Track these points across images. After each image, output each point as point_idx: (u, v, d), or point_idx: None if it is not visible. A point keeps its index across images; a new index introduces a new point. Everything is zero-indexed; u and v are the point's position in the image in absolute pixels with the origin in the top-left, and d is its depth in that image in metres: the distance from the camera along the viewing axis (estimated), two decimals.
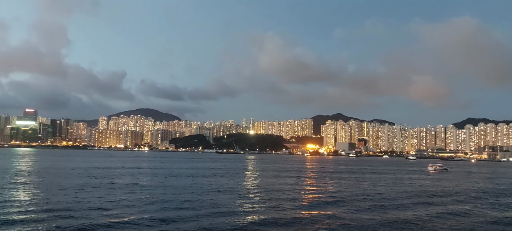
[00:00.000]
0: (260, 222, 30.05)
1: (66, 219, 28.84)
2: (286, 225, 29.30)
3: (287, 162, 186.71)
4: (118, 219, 29.43)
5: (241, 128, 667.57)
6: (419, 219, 32.91)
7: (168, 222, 29.08)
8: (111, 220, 28.93)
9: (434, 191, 58.05)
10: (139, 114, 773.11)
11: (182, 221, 29.76)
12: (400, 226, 30.11)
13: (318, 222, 30.79)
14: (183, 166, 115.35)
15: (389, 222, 31.22)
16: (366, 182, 72.18)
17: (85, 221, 28.30)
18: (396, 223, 30.98)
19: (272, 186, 59.21)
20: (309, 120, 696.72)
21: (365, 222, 30.98)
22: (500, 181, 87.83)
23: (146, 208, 35.18)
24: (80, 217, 29.69)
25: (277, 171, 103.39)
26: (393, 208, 39.69)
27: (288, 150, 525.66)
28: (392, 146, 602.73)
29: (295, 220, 31.16)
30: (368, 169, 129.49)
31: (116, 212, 32.59)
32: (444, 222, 32.23)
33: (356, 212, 36.10)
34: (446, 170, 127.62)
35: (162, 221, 29.44)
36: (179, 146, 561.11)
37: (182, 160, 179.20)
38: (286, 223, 29.78)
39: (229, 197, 44.00)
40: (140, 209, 34.26)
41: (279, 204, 39.73)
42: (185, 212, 33.70)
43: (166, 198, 41.87)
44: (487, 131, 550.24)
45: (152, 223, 28.56)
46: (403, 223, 31.25)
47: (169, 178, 68.59)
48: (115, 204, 36.43)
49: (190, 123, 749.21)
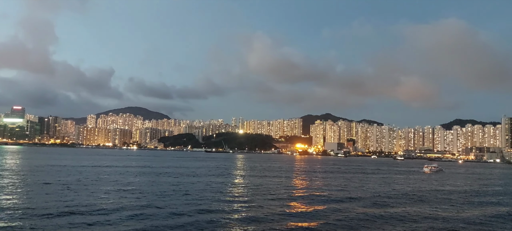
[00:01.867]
0: (246, 223, 29.74)
1: (46, 219, 28.20)
2: (272, 225, 29.04)
3: (276, 161, 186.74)
4: (102, 219, 28.86)
5: (230, 127, 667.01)
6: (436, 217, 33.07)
7: (154, 223, 28.59)
8: (94, 220, 28.35)
9: (440, 190, 58.46)
10: (128, 113, 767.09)
11: (168, 221, 29.31)
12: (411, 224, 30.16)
13: (305, 221, 30.62)
14: (171, 165, 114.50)
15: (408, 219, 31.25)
16: (370, 183, 72.38)
17: (68, 220, 27.70)
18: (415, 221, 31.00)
19: (260, 185, 58.97)
20: (299, 119, 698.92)
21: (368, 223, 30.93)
22: (495, 182, 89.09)
23: (132, 207, 34.59)
24: (63, 217, 29.07)
25: (266, 170, 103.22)
26: (397, 206, 39.81)
27: (277, 149, 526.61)
28: (380, 146, 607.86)
29: (281, 220, 30.92)
30: (360, 169, 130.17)
31: (100, 212, 31.94)
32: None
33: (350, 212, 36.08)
34: (441, 171, 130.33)
35: (148, 221, 28.95)
36: (168, 144, 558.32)
37: (171, 159, 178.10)
38: (272, 224, 29.52)
39: (217, 197, 43.62)
40: (125, 209, 33.66)
41: (266, 204, 39.48)
42: (171, 213, 33.21)
43: (154, 197, 41.32)
44: (474, 132, 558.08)
45: (138, 223, 28.07)
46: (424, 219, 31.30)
47: (157, 177, 67.90)
48: (100, 204, 35.76)
49: (179, 121, 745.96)
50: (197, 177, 71.28)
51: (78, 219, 28.69)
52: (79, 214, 30.49)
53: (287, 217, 32.28)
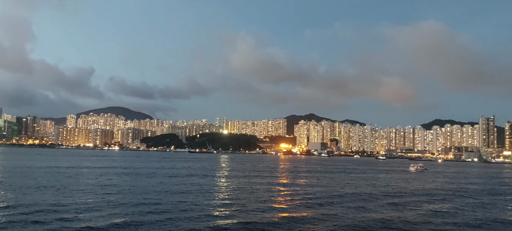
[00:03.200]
0: (231, 223, 29.23)
1: (23, 222, 27.13)
2: (257, 226, 28.64)
3: (260, 161, 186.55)
4: (82, 222, 27.93)
5: (214, 127, 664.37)
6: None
7: (136, 225, 27.80)
8: (74, 224, 27.40)
9: (431, 189, 59.02)
10: (109, 113, 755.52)
11: (150, 223, 28.55)
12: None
13: (290, 222, 30.30)
14: (154, 166, 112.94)
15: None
16: (362, 182, 72.61)
17: (44, 225, 26.69)
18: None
19: (244, 186, 58.53)
20: (283, 119, 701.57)
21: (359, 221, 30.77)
22: (473, 180, 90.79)
23: (113, 209, 33.66)
24: (41, 220, 28.02)
25: (250, 171, 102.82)
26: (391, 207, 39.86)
27: (262, 149, 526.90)
28: (363, 146, 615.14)
29: (266, 220, 30.54)
30: (345, 168, 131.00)
31: (81, 214, 30.95)
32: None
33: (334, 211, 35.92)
34: (426, 170, 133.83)
35: (130, 223, 28.14)
36: (150, 145, 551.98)
37: (153, 159, 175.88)
38: (257, 224, 29.11)
39: (200, 198, 42.97)
40: (106, 211, 32.72)
41: (250, 204, 39.06)
42: (154, 214, 32.42)
43: (135, 199, 40.39)
44: (453, 132, 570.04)
45: (119, 225, 27.24)
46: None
47: (139, 178, 66.67)
48: (81, 206, 34.72)
49: (162, 121, 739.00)
50: (180, 178, 70.33)
51: (55, 222, 27.69)
52: (57, 217, 29.47)
53: (271, 218, 31.89)
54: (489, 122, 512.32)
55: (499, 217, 36.73)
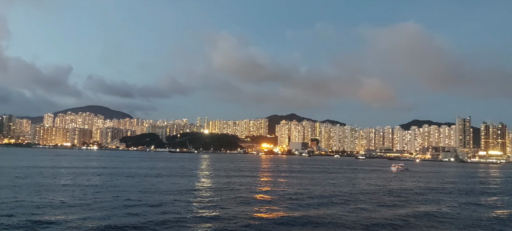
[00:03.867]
0: (209, 224, 28.92)
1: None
2: (235, 226, 28.42)
3: (241, 161, 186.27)
4: (57, 224, 27.13)
5: (195, 127, 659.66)
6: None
7: (115, 226, 27.17)
8: (49, 226, 26.59)
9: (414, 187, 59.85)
10: (87, 112, 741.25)
11: (130, 224, 27.96)
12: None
13: (271, 222, 30.21)
14: (133, 166, 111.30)
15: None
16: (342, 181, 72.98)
17: (18, 228, 25.81)
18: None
19: (225, 186, 58.20)
20: (264, 119, 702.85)
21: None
22: (451, 179, 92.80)
23: (90, 210, 32.86)
24: (12, 223, 27.08)
25: (231, 170, 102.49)
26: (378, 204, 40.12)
27: (243, 149, 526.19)
28: (343, 146, 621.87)
29: (248, 220, 30.35)
30: (326, 168, 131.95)
31: (57, 216, 30.08)
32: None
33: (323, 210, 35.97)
34: (407, 170, 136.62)
35: (108, 224, 27.48)
36: (130, 144, 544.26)
37: (133, 159, 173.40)
38: (235, 224, 28.89)
39: (180, 198, 42.44)
40: (83, 212, 31.90)
41: (230, 204, 38.82)
42: (133, 215, 31.79)
43: (114, 199, 39.60)
44: (431, 133, 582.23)
45: (96, 227, 26.56)
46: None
47: (118, 178, 65.48)
48: (57, 207, 33.77)
49: (142, 121, 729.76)
50: (160, 178, 69.43)
51: (29, 224, 26.83)
52: (31, 219, 28.56)
53: (252, 218, 31.72)
54: (465, 123, 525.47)
55: (477, 215, 37.55)
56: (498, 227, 32.49)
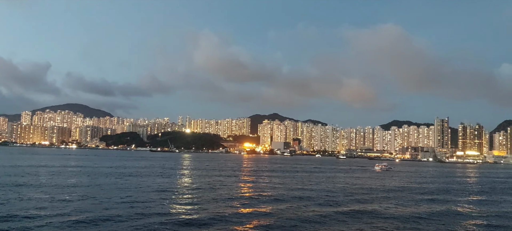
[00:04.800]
0: (191, 223, 28.46)
1: None
2: (218, 225, 28.04)
3: (223, 161, 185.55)
4: (33, 225, 26.22)
5: (177, 126, 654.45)
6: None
7: (94, 226, 26.41)
8: (24, 226, 25.66)
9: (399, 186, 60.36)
10: (66, 110, 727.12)
11: (109, 224, 27.24)
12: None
13: (253, 221, 29.93)
14: (114, 165, 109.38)
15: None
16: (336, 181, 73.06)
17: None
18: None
19: (207, 185, 57.65)
20: (247, 119, 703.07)
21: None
22: (432, 179, 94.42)
23: (69, 210, 31.91)
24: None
25: (213, 170, 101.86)
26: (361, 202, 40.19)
27: (225, 149, 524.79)
28: (324, 146, 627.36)
29: (227, 219, 29.99)
30: (310, 168, 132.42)
31: (34, 217, 29.08)
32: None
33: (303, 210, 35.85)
34: (390, 169, 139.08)
35: (87, 225, 26.70)
36: (110, 143, 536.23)
37: (113, 158, 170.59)
38: (218, 223, 28.51)
39: (161, 197, 41.74)
40: (61, 213, 30.96)
41: (211, 204, 38.38)
42: (113, 215, 31.00)
43: (93, 199, 38.63)
44: (410, 133, 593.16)
45: (75, 227, 25.77)
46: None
47: (98, 178, 64.09)
48: (33, 207, 32.68)
49: (123, 119, 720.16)
50: (141, 177, 68.33)
51: (3, 224, 25.84)
52: (7, 218, 27.53)
53: (232, 218, 31.39)
54: (444, 123, 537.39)
55: (454, 211, 38.18)
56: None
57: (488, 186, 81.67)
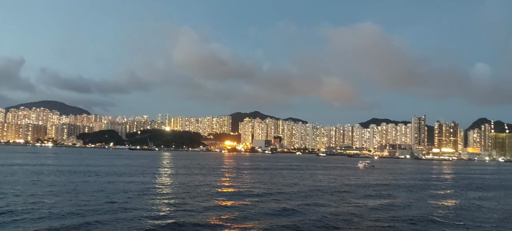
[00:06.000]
0: (171, 223, 27.97)
1: None
2: (198, 224, 27.66)
3: (204, 159, 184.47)
4: (5, 227, 25.24)
5: (156, 123, 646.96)
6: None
7: (70, 228, 25.61)
8: None
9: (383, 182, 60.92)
10: (42, 107, 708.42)
11: (86, 225, 26.48)
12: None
13: (232, 220, 29.67)
14: (91, 163, 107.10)
15: None
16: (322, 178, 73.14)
17: None
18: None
19: (187, 184, 57.01)
20: (228, 117, 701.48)
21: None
22: (414, 175, 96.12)
23: (43, 211, 30.89)
24: None
25: (193, 168, 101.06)
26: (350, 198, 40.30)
27: (206, 147, 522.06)
28: (304, 143, 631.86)
29: (208, 219, 29.64)
30: (291, 166, 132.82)
31: (4, 217, 28.02)
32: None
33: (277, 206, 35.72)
34: (373, 166, 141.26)
35: (63, 225, 25.87)
36: (88, 141, 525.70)
37: (91, 156, 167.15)
38: (198, 223, 28.13)
39: (141, 197, 40.99)
40: (35, 213, 29.93)
41: (193, 203, 37.91)
42: (91, 215, 30.18)
43: (70, 199, 37.56)
44: (388, 131, 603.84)
45: (48, 228, 24.93)
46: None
47: (74, 177, 62.50)
48: (4, 208, 31.50)
49: (101, 117, 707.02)
50: (119, 176, 67.07)
51: None
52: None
53: (213, 216, 31.06)
54: (421, 121, 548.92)
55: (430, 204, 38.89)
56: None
57: (462, 182, 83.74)
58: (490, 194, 58.55)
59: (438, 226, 30.66)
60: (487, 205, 44.69)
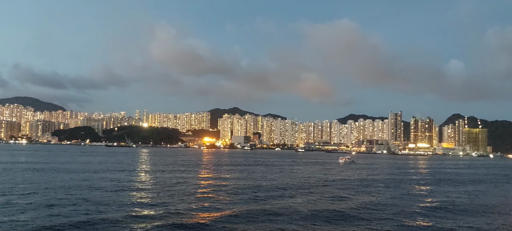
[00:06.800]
0: (148, 221, 27.43)
1: None
2: (177, 221, 27.23)
3: (182, 156, 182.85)
4: None
5: (133, 120, 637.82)
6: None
7: (43, 227, 24.75)
8: None
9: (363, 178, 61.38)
10: (15, 103, 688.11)
11: (62, 224, 25.65)
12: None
13: (214, 217, 29.35)
14: (67, 161, 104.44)
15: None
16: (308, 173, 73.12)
17: None
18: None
19: (165, 180, 56.22)
20: (206, 113, 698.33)
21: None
22: (393, 170, 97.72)
23: (17, 210, 29.78)
24: None
25: (172, 165, 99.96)
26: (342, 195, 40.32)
27: (184, 143, 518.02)
28: (284, 139, 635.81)
29: (186, 214, 29.24)
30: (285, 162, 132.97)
31: None
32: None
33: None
34: (353, 162, 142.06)
35: (36, 225, 24.98)
36: (63, 138, 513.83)
37: (66, 153, 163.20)
38: (177, 219, 27.69)
39: (117, 194, 40.10)
40: (8, 214, 28.82)
41: (170, 199, 37.36)
42: (66, 215, 29.29)
43: (45, 197, 36.36)
44: (366, 126, 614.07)
45: (21, 228, 24.03)
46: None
47: (49, 174, 60.71)
48: None
49: (76, 113, 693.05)
50: (96, 173, 65.55)
51: None
52: None
53: (190, 214, 30.66)
54: (397, 117, 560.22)
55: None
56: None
57: (437, 176, 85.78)
58: (463, 189, 60.14)
59: (418, 217, 31.20)
60: (461, 199, 45.83)
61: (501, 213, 36.62)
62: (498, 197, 50.56)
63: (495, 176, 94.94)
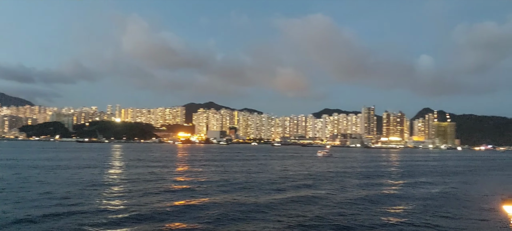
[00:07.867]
0: (121, 220, 26.43)
1: None
2: (150, 219, 26.36)
3: (156, 151, 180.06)
4: None
5: (105, 115, 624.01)
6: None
7: (10, 224, 23.43)
8: None
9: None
10: None
11: (31, 222, 24.31)
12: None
13: (186, 215, 28.62)
14: (35, 157, 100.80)
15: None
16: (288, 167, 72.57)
17: None
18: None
19: (138, 176, 54.86)
20: (181, 107, 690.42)
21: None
22: (369, 164, 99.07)
23: None
24: None
25: (145, 160, 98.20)
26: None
27: (159, 138, 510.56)
28: (260, 134, 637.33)
29: (160, 212, 28.39)
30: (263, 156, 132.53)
31: None
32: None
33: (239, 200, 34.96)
34: (331, 155, 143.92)
35: (6, 224, 23.63)
36: (31, 134, 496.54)
37: (34, 150, 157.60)
38: (150, 218, 26.82)
39: (88, 191, 38.70)
40: None
41: (143, 196, 36.35)
42: (34, 211, 27.85)
43: (12, 195, 34.61)
44: (340, 120, 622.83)
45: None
46: None
47: (16, 171, 58.07)
48: None
49: (45, 108, 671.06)
50: (66, 170, 63.30)
51: None
52: None
53: (164, 213, 29.83)
54: (370, 111, 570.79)
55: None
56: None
57: (409, 169, 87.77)
58: (431, 180, 61.62)
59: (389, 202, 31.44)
60: (429, 189, 46.80)
61: (469, 206, 37.50)
62: (469, 187, 51.94)
63: (463, 168, 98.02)
